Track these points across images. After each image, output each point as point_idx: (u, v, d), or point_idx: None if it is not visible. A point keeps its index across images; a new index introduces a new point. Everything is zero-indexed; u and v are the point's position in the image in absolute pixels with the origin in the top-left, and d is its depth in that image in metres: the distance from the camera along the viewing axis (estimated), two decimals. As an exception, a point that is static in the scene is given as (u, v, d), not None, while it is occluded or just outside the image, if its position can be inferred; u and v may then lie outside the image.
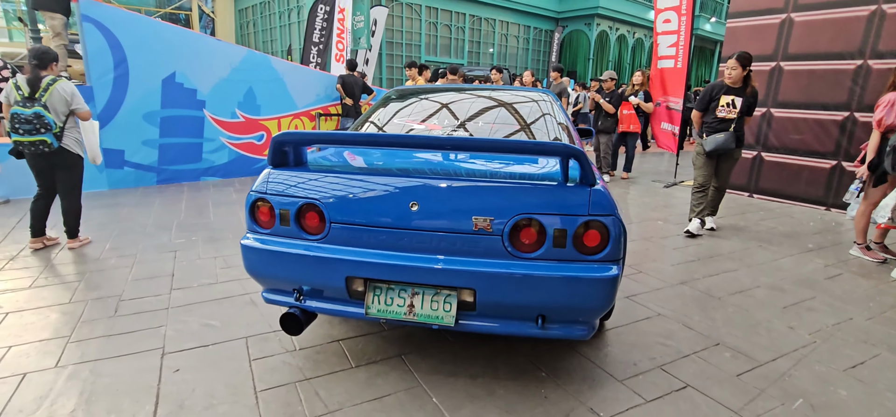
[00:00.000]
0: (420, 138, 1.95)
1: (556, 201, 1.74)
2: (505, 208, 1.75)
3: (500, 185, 1.81)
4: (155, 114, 6.04)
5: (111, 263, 3.37)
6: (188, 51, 6.20)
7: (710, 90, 4.17)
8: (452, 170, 1.95)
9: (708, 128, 4.18)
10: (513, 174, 1.93)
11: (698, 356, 2.29)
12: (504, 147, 1.93)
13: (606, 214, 1.73)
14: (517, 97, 2.87)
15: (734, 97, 4.03)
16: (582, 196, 1.74)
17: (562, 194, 1.76)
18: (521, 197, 1.76)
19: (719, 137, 4.04)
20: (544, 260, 1.75)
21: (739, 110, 4.01)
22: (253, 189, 1.99)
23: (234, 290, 2.94)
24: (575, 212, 1.72)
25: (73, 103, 3.44)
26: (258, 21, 20.14)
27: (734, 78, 4.00)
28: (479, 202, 1.77)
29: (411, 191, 1.82)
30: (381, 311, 1.86)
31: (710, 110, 4.15)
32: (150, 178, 6.14)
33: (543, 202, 1.74)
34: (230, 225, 4.35)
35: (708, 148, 4.11)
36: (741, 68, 3.96)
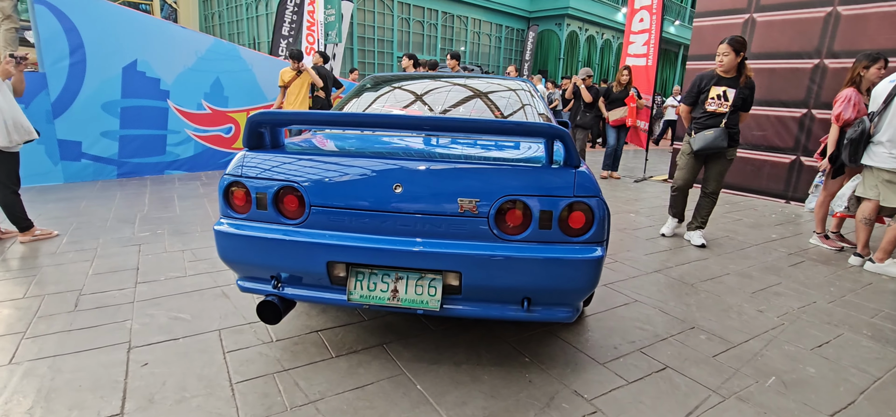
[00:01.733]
0: (404, 118, 1.91)
1: (541, 183, 1.74)
2: (490, 191, 1.73)
3: (485, 167, 1.79)
4: (115, 104, 5.75)
5: (69, 257, 3.18)
6: (151, 38, 5.93)
7: (699, 81, 3.67)
8: (437, 152, 1.92)
9: (696, 124, 3.72)
10: (498, 157, 1.92)
11: (675, 338, 2.34)
12: (489, 128, 1.91)
13: (591, 195, 1.73)
14: (496, 86, 2.86)
15: (726, 88, 3.56)
16: (567, 178, 1.74)
17: (547, 175, 1.75)
18: (507, 179, 1.74)
19: (708, 133, 3.57)
20: (530, 242, 1.75)
21: (732, 103, 3.54)
22: (227, 172, 1.90)
23: (204, 283, 2.82)
24: (560, 193, 1.72)
25: None
26: (223, 12, 19.52)
27: (726, 66, 3.51)
28: (464, 184, 1.74)
29: (395, 173, 1.77)
30: (364, 297, 1.81)
31: (700, 104, 3.69)
32: (110, 171, 5.84)
33: (529, 184, 1.73)
34: (198, 219, 4.18)
35: (695, 147, 3.64)
36: (734, 54, 3.45)
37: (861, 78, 3.76)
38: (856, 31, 5.19)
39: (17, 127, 3.23)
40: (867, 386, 2.01)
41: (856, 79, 3.78)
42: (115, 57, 5.66)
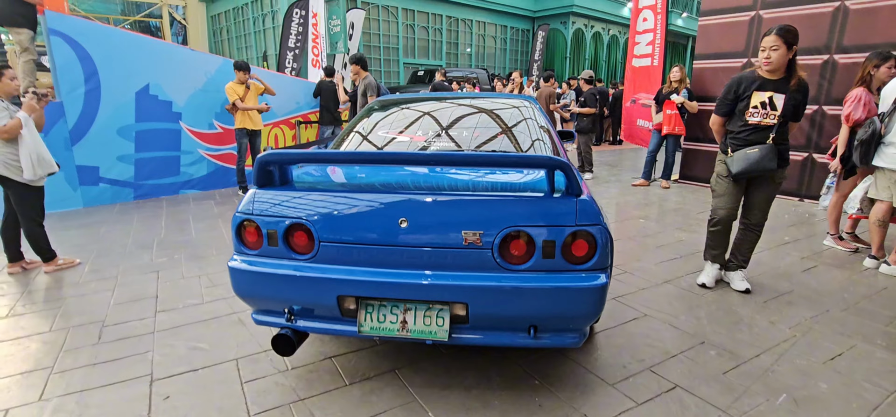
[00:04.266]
0: (406, 155, 1.96)
1: (543, 213, 1.77)
2: (493, 222, 1.77)
3: (487, 198, 1.83)
4: (129, 128, 5.90)
5: (92, 286, 3.28)
6: (161, 62, 6.07)
7: (736, 85, 2.88)
8: (440, 184, 1.96)
9: (734, 139, 2.91)
10: (500, 186, 1.96)
11: (685, 355, 2.35)
12: (491, 161, 1.95)
13: (593, 223, 1.76)
14: (499, 106, 2.88)
15: (773, 94, 2.74)
16: (569, 207, 1.77)
17: (549, 205, 1.78)
18: (509, 210, 1.78)
19: (752, 153, 2.80)
20: (534, 271, 1.78)
21: (781, 112, 2.75)
22: (238, 210, 1.97)
23: (221, 310, 2.90)
24: (562, 223, 1.75)
25: None
26: (231, 27, 19.82)
27: (775, 63, 2.68)
28: (467, 216, 1.78)
29: (400, 207, 1.82)
30: (375, 328, 1.86)
31: (737, 114, 2.90)
32: (127, 194, 5.99)
33: (531, 214, 1.77)
34: (213, 241, 4.28)
35: (735, 169, 2.86)
36: (785, 48, 2.65)
37: (871, 77, 3.71)
38: (865, 25, 5.12)
39: (40, 161, 3.34)
40: (880, 402, 2.01)
41: (866, 78, 3.74)
42: (128, 82, 5.81)
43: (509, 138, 2.52)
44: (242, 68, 5.97)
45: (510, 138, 2.52)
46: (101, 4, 19.87)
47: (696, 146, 6.70)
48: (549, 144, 2.48)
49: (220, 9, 20.10)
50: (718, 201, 3.08)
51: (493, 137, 2.53)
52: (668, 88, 6.44)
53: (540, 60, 19.16)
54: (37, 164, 3.32)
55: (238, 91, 5.93)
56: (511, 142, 2.48)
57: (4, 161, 3.25)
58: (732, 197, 3.02)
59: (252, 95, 6.10)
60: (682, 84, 6.35)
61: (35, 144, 3.32)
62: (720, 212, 3.06)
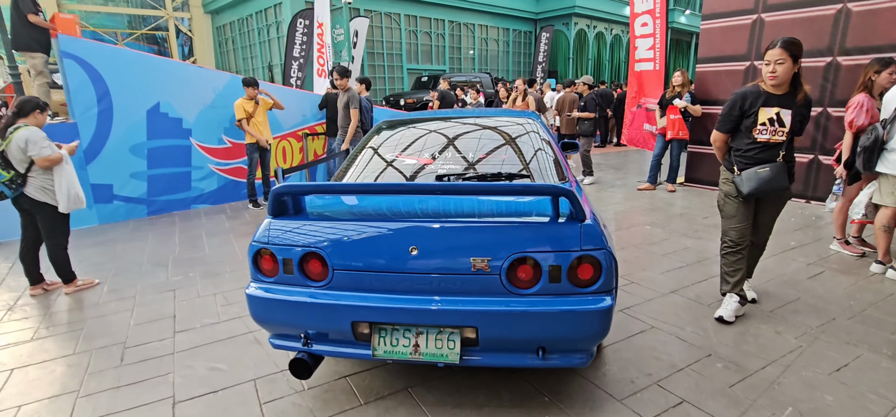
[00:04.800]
0: (415, 186, 2.03)
1: (549, 239, 1.83)
2: (501, 248, 1.83)
3: (495, 225, 1.89)
4: (141, 146, 6.02)
5: (111, 307, 3.38)
6: (171, 80, 6.19)
7: (740, 101, 2.73)
8: (448, 211, 2.02)
9: (741, 158, 2.79)
10: (507, 210, 2.02)
11: (692, 368, 2.40)
12: (499, 190, 2.00)
13: (598, 248, 1.82)
14: (503, 124, 2.94)
15: (780, 110, 2.64)
16: (573, 232, 1.82)
17: (554, 230, 1.84)
18: (516, 236, 1.84)
19: (764, 172, 2.69)
20: (541, 295, 1.84)
21: (789, 129, 2.66)
22: (255, 239, 2.04)
23: (237, 329, 2.98)
24: (568, 248, 1.81)
25: (29, 151, 3.29)
26: (237, 38, 20.02)
27: (781, 78, 2.57)
28: (475, 243, 1.85)
29: (410, 235, 1.89)
30: (388, 352, 1.93)
31: (744, 131, 2.77)
32: (141, 210, 6.12)
33: (537, 240, 1.83)
34: (226, 257, 4.37)
35: (746, 189, 2.73)
36: (791, 61, 2.55)
37: (872, 83, 3.74)
38: (867, 27, 5.13)
39: (75, 198, 3.54)
40: (885, 414, 2.04)
41: (867, 84, 3.76)
42: (139, 101, 5.93)
43: (514, 159, 2.58)
44: (251, 84, 6.07)
45: (516, 159, 2.57)
46: (108, 19, 20.15)
47: (702, 149, 6.72)
48: (552, 165, 2.53)
49: (226, 20, 20.32)
50: (729, 224, 2.91)
51: (498, 158, 2.59)
52: (671, 92, 6.47)
53: (544, 61, 19.21)
54: (74, 199, 3.53)
55: (247, 107, 6.03)
56: (516, 162, 2.53)
57: (42, 187, 3.42)
58: (743, 217, 2.86)
59: (261, 111, 6.20)
60: (685, 88, 6.39)
61: (72, 180, 3.51)
62: (732, 234, 2.89)
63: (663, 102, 6.57)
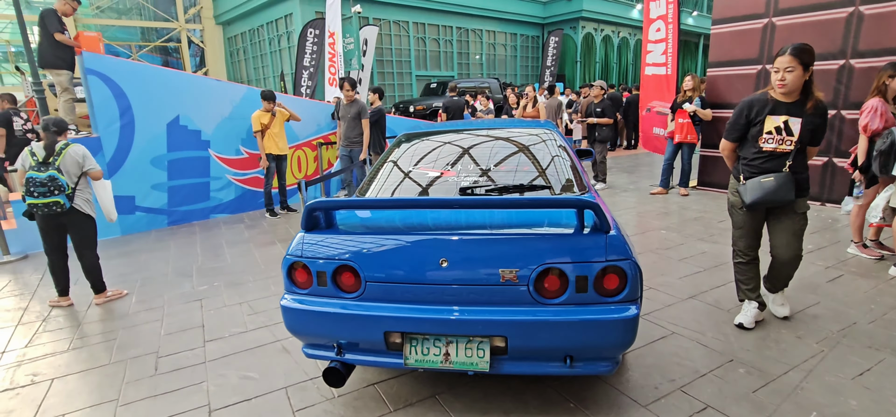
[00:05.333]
0: (444, 201, 2.11)
1: (575, 250, 1.89)
2: (529, 259, 1.89)
3: (522, 237, 1.95)
4: (162, 158, 6.17)
5: (141, 317, 3.48)
6: (190, 93, 6.34)
7: (747, 109, 2.69)
8: (476, 223, 2.09)
9: (747, 167, 2.74)
10: (533, 222, 2.08)
11: (715, 374, 2.43)
12: (524, 204, 2.05)
13: (623, 258, 1.87)
14: (522, 136, 2.99)
15: (788, 118, 2.57)
16: (599, 243, 1.88)
17: (580, 242, 1.90)
18: (543, 247, 1.90)
19: (768, 182, 2.62)
20: (568, 305, 1.89)
21: (798, 138, 2.57)
22: (289, 253, 2.12)
23: (264, 338, 3.06)
24: (594, 259, 1.86)
25: (85, 165, 3.63)
26: (248, 48, 20.29)
27: (790, 86, 2.51)
28: (504, 255, 1.91)
29: (440, 248, 1.95)
30: (419, 361, 1.99)
31: (750, 139, 2.72)
32: (161, 220, 6.26)
33: (564, 251, 1.89)
34: (248, 267, 4.47)
35: (748, 198, 2.69)
36: (801, 69, 2.48)
37: (886, 87, 3.75)
38: (880, 30, 5.13)
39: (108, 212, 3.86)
40: (909, 417, 2.07)
41: (881, 88, 3.78)
42: (159, 115, 6.08)
43: (535, 169, 2.64)
44: (268, 98, 6.20)
45: (536, 169, 2.63)
46: (122, 32, 20.55)
47: (715, 153, 6.72)
48: (572, 174, 2.59)
49: (237, 31, 20.61)
50: (737, 233, 2.93)
51: (519, 169, 2.65)
52: (682, 96, 6.50)
53: (553, 66, 19.24)
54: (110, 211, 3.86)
55: (263, 120, 6.15)
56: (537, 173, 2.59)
57: (86, 200, 3.67)
58: (750, 228, 2.85)
59: (278, 123, 6.32)
60: (696, 92, 6.41)
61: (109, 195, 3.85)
62: (740, 244, 2.91)
63: (674, 106, 6.60)
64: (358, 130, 6.46)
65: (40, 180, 3.41)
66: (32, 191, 3.41)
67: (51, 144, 3.50)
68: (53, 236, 3.64)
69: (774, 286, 3.00)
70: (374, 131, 6.94)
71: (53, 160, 3.46)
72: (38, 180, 3.41)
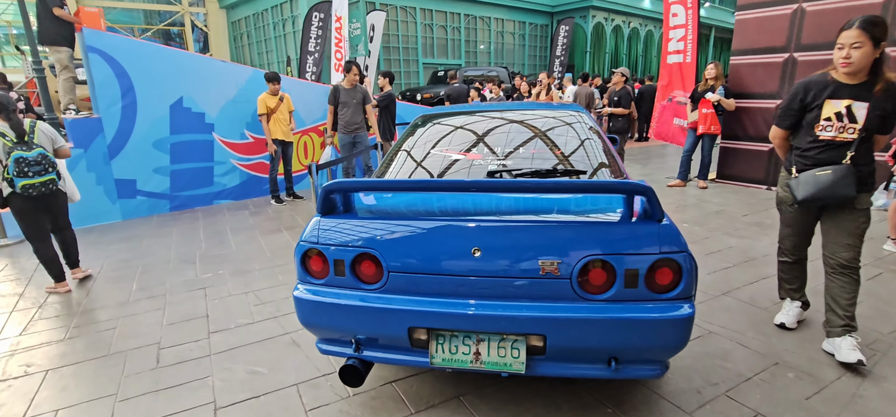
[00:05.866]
0: (480, 183, 1.89)
1: (625, 240, 1.69)
2: (572, 249, 1.69)
3: (566, 224, 1.76)
4: (164, 140, 5.98)
5: (142, 306, 3.31)
6: (194, 75, 6.13)
7: (802, 91, 2.38)
8: (513, 209, 1.89)
9: (801, 158, 2.42)
10: (574, 208, 1.88)
11: (760, 378, 2.25)
12: (569, 188, 1.85)
13: (678, 250, 1.67)
14: (551, 119, 2.79)
15: (851, 103, 2.25)
16: (651, 232, 1.68)
17: (630, 231, 1.70)
18: (589, 236, 1.70)
19: (824, 175, 2.30)
20: (616, 301, 1.70)
21: (863, 125, 2.24)
22: (303, 239, 1.93)
23: (273, 330, 2.89)
24: (645, 250, 1.67)
25: (56, 142, 3.52)
26: (252, 32, 20.02)
27: (856, 65, 2.18)
28: (545, 244, 1.71)
29: (473, 235, 1.76)
30: (447, 360, 1.81)
31: (805, 126, 2.41)
32: (163, 205, 6.08)
33: (612, 241, 1.69)
34: (253, 254, 4.29)
35: (801, 194, 2.38)
36: (871, 45, 2.15)
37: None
38: (920, 16, 4.87)
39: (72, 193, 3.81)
40: (984, 431, 1.88)
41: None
42: (162, 96, 5.88)
43: (569, 152, 2.43)
44: (273, 80, 5.98)
45: (570, 152, 2.43)
46: (125, 14, 20.29)
47: (735, 144, 6.49)
48: (607, 159, 2.39)
49: (241, 15, 20.32)
50: (784, 231, 2.66)
51: (551, 152, 2.45)
52: (704, 85, 6.25)
53: (562, 55, 18.92)
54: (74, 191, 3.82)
55: (269, 103, 5.94)
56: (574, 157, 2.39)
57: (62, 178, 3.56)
58: (800, 227, 2.56)
59: (285, 108, 6.11)
60: (718, 81, 6.16)
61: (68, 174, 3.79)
62: (787, 243, 2.64)
63: (695, 95, 6.35)
64: (362, 116, 6.19)
65: (32, 158, 3.24)
66: (27, 171, 3.22)
67: (19, 123, 3.30)
68: (41, 218, 3.45)
69: (841, 316, 2.38)
70: (384, 117, 6.74)
71: (29, 138, 3.29)
72: (31, 160, 3.23)
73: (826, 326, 2.47)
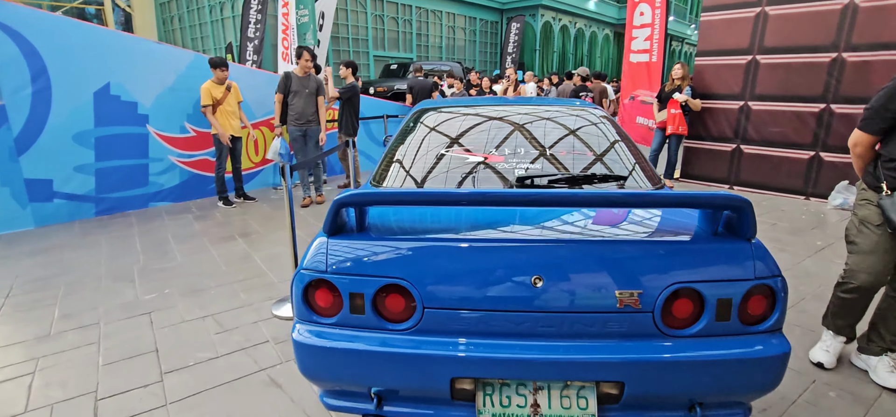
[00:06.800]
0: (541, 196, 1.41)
1: (716, 263, 1.42)
2: (655, 277, 1.40)
3: (648, 245, 1.46)
4: (88, 134, 5.11)
5: (69, 340, 2.67)
6: (123, 57, 5.28)
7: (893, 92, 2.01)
8: (575, 226, 1.57)
9: (891, 171, 2.07)
10: (644, 224, 1.59)
11: (804, 399, 2.09)
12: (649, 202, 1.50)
13: (773, 274, 1.42)
14: (569, 115, 2.50)
15: None
16: (745, 254, 1.42)
17: (721, 253, 1.43)
18: (676, 260, 1.41)
19: None
20: (705, 337, 1.43)
21: None
22: (305, 267, 1.50)
23: (243, 365, 2.39)
24: (740, 276, 1.40)
25: None
26: (184, 16, 18.36)
27: None
28: (622, 271, 1.40)
29: (533, 259, 1.42)
30: (498, 415, 1.46)
31: None
32: (88, 209, 5.21)
33: (701, 266, 1.41)
34: (205, 267, 3.69)
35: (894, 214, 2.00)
36: None
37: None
38: (876, 23, 5.10)
39: None
40: None
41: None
42: (84, 81, 5.01)
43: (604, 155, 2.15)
44: (219, 66, 5.29)
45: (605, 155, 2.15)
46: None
47: (699, 144, 6.61)
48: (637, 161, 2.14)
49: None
50: (859, 261, 2.15)
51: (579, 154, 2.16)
52: (671, 85, 6.31)
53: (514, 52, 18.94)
54: None
55: (215, 93, 5.26)
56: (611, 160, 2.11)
57: None
58: (884, 255, 2.09)
59: (233, 98, 5.44)
60: (685, 81, 6.23)
61: None
62: (862, 276, 2.13)
63: (662, 95, 6.39)
64: (314, 107, 5.59)
65: None
66: None
67: None
68: None
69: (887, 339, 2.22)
70: (347, 110, 6.21)
71: None
72: None
73: (860, 340, 2.34)
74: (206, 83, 5.24)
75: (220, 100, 5.30)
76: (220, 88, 5.29)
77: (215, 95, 5.25)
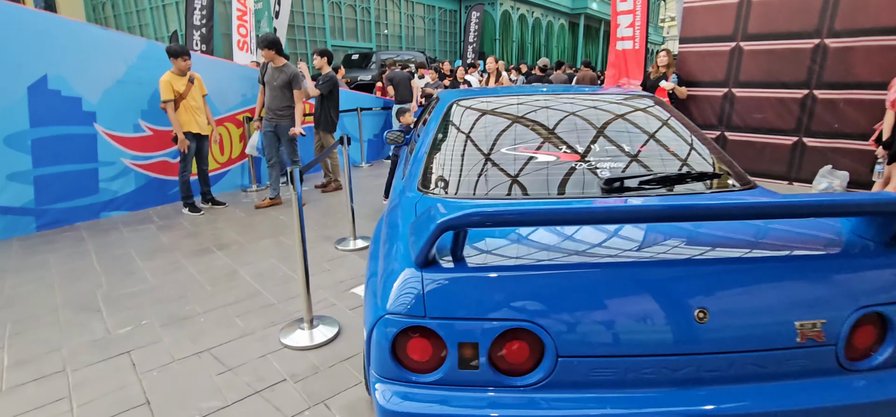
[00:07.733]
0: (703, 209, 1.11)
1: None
2: (839, 301, 1.15)
3: (824, 262, 1.20)
4: (22, 135, 4.36)
5: (29, 394, 2.13)
6: (63, 45, 4.54)
7: None
8: (732, 243, 1.29)
9: None
10: (802, 239, 1.33)
11: None
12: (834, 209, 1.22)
13: (953, 290, 1.21)
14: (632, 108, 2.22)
15: None
16: (928, 267, 1.20)
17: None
18: (859, 279, 1.17)
19: None
20: (884, 369, 1.20)
21: None
22: (393, 310, 1.15)
23: (261, 412, 1.97)
24: (927, 293, 1.18)
25: None
26: (118, 2, 16.78)
27: None
28: (803, 296, 1.15)
29: (690, 286, 1.13)
30: (651, 483, 1.17)
31: None
32: (27, 224, 4.46)
33: (885, 285, 1.18)
34: (184, 289, 3.17)
35: None
36: None
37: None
38: (857, 10, 5.21)
39: None
40: None
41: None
42: (16, 74, 4.26)
43: (684, 151, 1.90)
44: (181, 55, 4.66)
45: (685, 151, 1.90)
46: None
47: (683, 132, 6.60)
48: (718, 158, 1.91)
49: (101, -20, 16.94)
50: None
51: (661, 153, 1.90)
52: (656, 72, 6.25)
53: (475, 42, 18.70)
54: None
55: (176, 86, 4.63)
56: (693, 157, 1.86)
57: None
58: None
59: (197, 92, 4.82)
60: (671, 69, 6.19)
61: None
62: None
63: (647, 83, 6.32)
64: (286, 101, 5.06)
65: None
66: None
67: None
68: None
69: None
70: (327, 105, 5.71)
71: None
72: None
73: None
74: (166, 75, 4.61)
75: (184, 94, 4.68)
76: (183, 81, 4.67)
77: (177, 89, 4.63)
